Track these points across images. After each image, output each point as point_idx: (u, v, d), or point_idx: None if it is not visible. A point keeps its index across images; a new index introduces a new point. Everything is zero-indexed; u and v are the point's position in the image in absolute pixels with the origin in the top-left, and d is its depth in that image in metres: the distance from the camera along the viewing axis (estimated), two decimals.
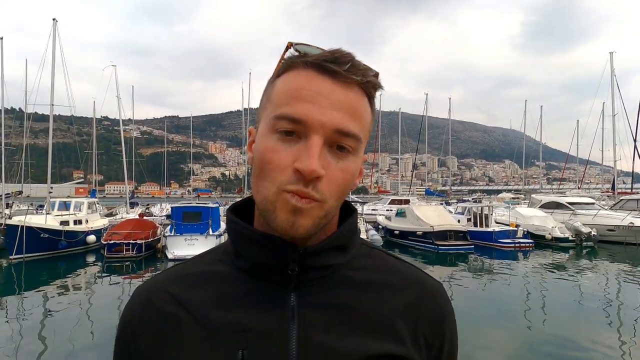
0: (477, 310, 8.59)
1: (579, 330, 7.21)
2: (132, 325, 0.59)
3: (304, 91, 0.51)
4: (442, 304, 0.61)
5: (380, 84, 0.55)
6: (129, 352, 0.59)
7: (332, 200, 0.52)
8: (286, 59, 0.54)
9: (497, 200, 39.06)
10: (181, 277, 0.59)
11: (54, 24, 19.78)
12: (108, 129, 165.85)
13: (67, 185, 32.69)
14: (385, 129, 66.68)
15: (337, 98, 0.51)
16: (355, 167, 0.54)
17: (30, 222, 14.09)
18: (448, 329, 0.61)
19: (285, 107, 0.51)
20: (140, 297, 0.60)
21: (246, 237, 0.56)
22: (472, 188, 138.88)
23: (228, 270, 0.58)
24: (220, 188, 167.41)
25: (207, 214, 15.55)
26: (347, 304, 0.56)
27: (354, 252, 0.60)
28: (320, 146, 0.50)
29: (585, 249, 17.25)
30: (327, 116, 0.50)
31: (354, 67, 0.51)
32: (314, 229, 0.52)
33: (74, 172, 69.74)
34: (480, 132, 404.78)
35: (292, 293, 0.55)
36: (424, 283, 0.61)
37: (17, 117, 41.17)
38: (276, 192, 0.50)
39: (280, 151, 0.50)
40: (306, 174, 0.48)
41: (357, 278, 0.58)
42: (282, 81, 0.53)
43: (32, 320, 7.81)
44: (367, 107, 0.54)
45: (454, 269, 13.21)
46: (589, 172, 76.69)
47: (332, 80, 0.51)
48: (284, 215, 0.50)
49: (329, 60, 0.51)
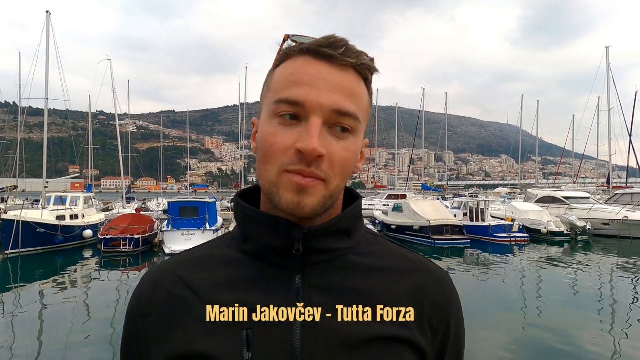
0: (473, 304, 8.66)
1: (573, 323, 7.29)
2: (141, 306, 0.60)
3: (301, 75, 0.52)
4: (446, 290, 0.61)
5: (375, 67, 0.56)
6: (137, 332, 0.60)
7: (336, 180, 0.53)
8: (284, 49, 0.56)
9: (494, 195, 39.26)
10: (190, 260, 0.61)
11: (47, 16, 19.55)
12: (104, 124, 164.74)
13: (62, 180, 32.59)
14: (383, 124, 66.69)
15: (333, 80, 0.52)
16: (355, 147, 0.55)
17: (27, 216, 14.05)
18: (453, 314, 0.61)
19: (285, 91, 0.52)
20: (149, 279, 0.62)
21: (252, 220, 0.57)
22: (469, 183, 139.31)
23: (235, 254, 0.59)
24: (217, 183, 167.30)
25: (204, 208, 15.52)
26: (351, 288, 0.56)
27: (359, 238, 0.60)
28: (320, 126, 0.51)
29: (580, 242, 17.39)
30: (324, 97, 0.51)
31: (349, 51, 0.53)
32: (319, 208, 0.53)
33: (69, 167, 69.29)
34: (477, 127, 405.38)
35: (297, 275, 0.56)
36: (429, 269, 0.62)
37: (11, 111, 40.72)
38: (278, 173, 0.52)
39: (281, 134, 0.52)
40: (307, 153, 0.50)
41: (362, 263, 0.59)
42: (281, 69, 0.55)
43: (29, 315, 7.81)
44: (363, 90, 0.55)
45: (450, 263, 13.29)
46: (584, 167, 77.14)
47: (329, 64, 0.53)
48: (288, 195, 0.52)
49: (324, 45, 0.53)
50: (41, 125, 21.28)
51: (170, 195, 37.85)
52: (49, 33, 19.34)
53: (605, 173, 36.80)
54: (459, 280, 10.96)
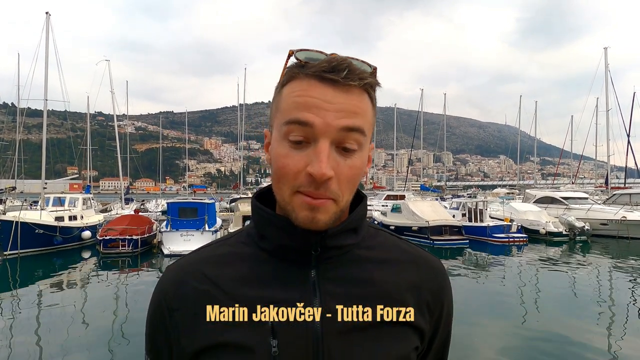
0: (472, 304, 8.68)
1: (571, 323, 7.31)
2: (167, 301, 0.64)
3: (308, 98, 0.56)
4: (441, 278, 0.71)
5: (377, 82, 0.61)
6: (165, 326, 0.64)
7: (345, 196, 0.59)
8: (289, 69, 0.60)
9: (492, 195, 39.35)
10: (210, 257, 0.66)
11: (47, 17, 19.54)
12: (102, 125, 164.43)
13: (61, 181, 32.50)
14: (381, 125, 66.71)
15: (339, 102, 0.56)
16: (362, 161, 0.60)
17: (25, 217, 14.03)
18: (446, 299, 0.71)
19: (294, 113, 0.56)
20: (173, 276, 0.66)
21: (270, 222, 0.63)
22: (467, 183, 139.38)
23: (253, 251, 0.65)
24: (216, 184, 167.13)
25: (202, 209, 15.52)
26: (360, 278, 0.64)
27: (363, 233, 0.68)
28: (327, 150, 0.55)
29: (579, 243, 17.44)
30: (331, 119, 0.55)
31: (351, 73, 0.56)
32: (332, 222, 0.59)
33: (68, 167, 69.12)
34: (476, 128, 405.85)
35: (312, 270, 0.62)
36: (425, 260, 0.71)
37: (9, 112, 40.67)
38: (291, 194, 0.57)
39: (292, 156, 0.57)
40: (317, 178, 0.54)
41: (368, 255, 0.66)
42: (288, 90, 0.59)
43: (27, 316, 7.80)
44: (367, 104, 0.60)
45: (449, 264, 13.31)
46: (583, 167, 77.25)
47: (333, 87, 0.56)
48: (303, 213, 0.57)
49: (327, 70, 0.56)
50: (40, 126, 21.29)
51: (169, 196, 37.87)
52: (49, 34, 19.37)
53: (604, 173, 36.85)
54: (457, 280, 10.98)
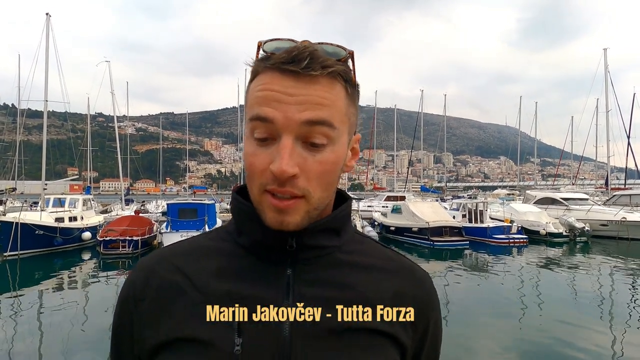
0: (472, 305, 8.67)
1: (572, 324, 7.29)
2: (135, 291, 0.61)
3: (268, 92, 0.53)
4: (427, 292, 0.65)
5: (344, 68, 0.55)
6: (131, 317, 0.61)
7: (317, 193, 0.55)
8: (255, 63, 0.56)
9: (492, 196, 39.30)
10: (185, 250, 0.63)
11: (47, 18, 19.56)
12: (102, 126, 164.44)
13: (61, 182, 32.50)
14: (381, 126, 66.71)
15: (300, 93, 0.52)
16: (334, 156, 0.55)
17: (25, 218, 14.03)
18: (432, 314, 0.66)
19: (256, 108, 0.54)
20: (145, 266, 0.63)
21: (247, 215, 0.59)
22: (468, 184, 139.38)
23: (230, 247, 0.62)
24: (216, 185, 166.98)
25: (203, 210, 15.53)
26: (338, 282, 0.59)
27: (347, 237, 0.64)
28: (289, 146, 0.52)
29: (579, 244, 17.43)
30: (291, 112, 0.52)
31: (313, 62, 0.52)
32: (304, 222, 0.55)
33: (68, 168, 69.10)
34: (476, 129, 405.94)
35: (289, 269, 0.58)
36: (411, 270, 0.66)
37: (9, 113, 40.73)
38: (259, 193, 0.55)
39: (258, 154, 0.54)
40: (277, 175, 0.51)
41: (349, 260, 0.62)
42: (252, 86, 0.56)
43: (27, 317, 7.79)
44: (338, 93, 0.55)
45: (449, 265, 13.30)
46: (583, 168, 77.18)
47: (295, 79, 0.52)
48: (271, 214, 0.54)
49: (287, 61, 0.52)
50: (40, 127, 21.30)
51: (169, 197, 37.83)
52: (49, 35, 19.39)
53: (604, 174, 36.84)
54: (457, 281, 10.97)
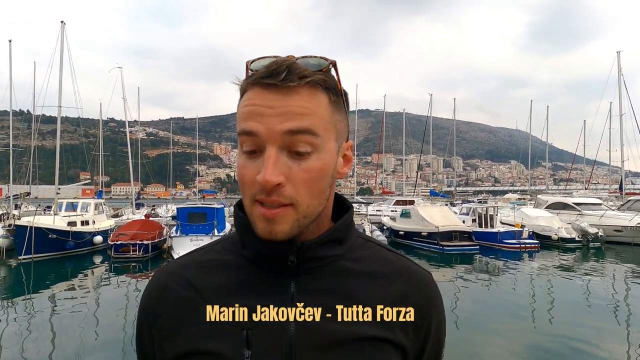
0: (483, 311, 8.57)
1: (586, 331, 7.15)
2: (152, 307, 0.65)
3: (252, 107, 0.56)
4: (428, 292, 0.67)
5: (323, 77, 0.57)
6: (150, 330, 0.65)
7: (305, 200, 0.56)
8: (242, 82, 0.59)
9: (503, 200, 38.82)
10: (195, 264, 0.66)
11: (62, 26, 19.99)
12: (114, 131, 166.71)
13: (74, 187, 33.00)
14: (390, 130, 66.56)
15: (280, 105, 0.55)
16: (320, 163, 0.57)
17: (39, 222, 14.26)
18: (435, 314, 0.67)
19: (242, 124, 0.57)
20: (159, 281, 0.67)
21: (249, 230, 0.60)
22: (478, 189, 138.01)
23: (236, 259, 0.64)
24: (225, 189, 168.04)
25: (212, 214, 15.63)
26: (341, 291, 0.61)
27: (350, 244, 0.65)
28: (273, 156, 0.54)
29: (592, 249, 17.13)
30: (273, 124, 0.54)
31: (291, 74, 0.54)
32: (293, 231, 0.57)
33: (80, 173, 70.21)
34: (486, 133, 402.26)
35: (292, 281, 0.61)
36: (413, 272, 0.67)
37: (25, 119, 41.52)
38: (250, 204, 0.57)
39: (248, 166, 0.57)
40: (262, 185, 0.54)
41: (352, 268, 0.63)
42: (240, 103, 0.59)
43: (40, 319, 7.92)
44: (319, 101, 0.57)
45: (459, 270, 13.17)
46: (596, 173, 75.91)
47: (275, 92, 0.55)
48: (260, 224, 0.57)
49: (265, 76, 0.55)
50: (54, 132, 21.65)
51: (179, 201, 38.14)
52: (63, 42, 19.80)
53: (618, 179, 36.22)
54: (467, 286, 10.86)
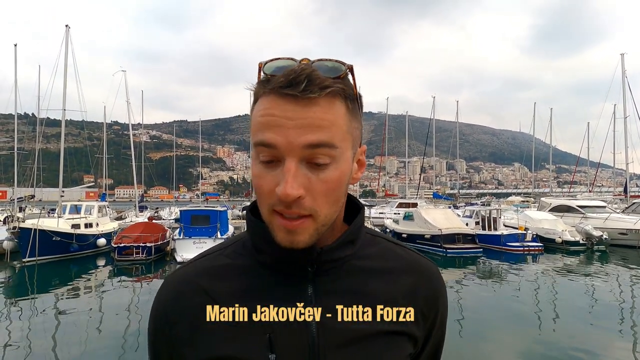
0: (486, 315, 8.52)
1: (590, 336, 7.11)
2: (167, 314, 0.64)
3: (270, 118, 0.54)
4: (436, 284, 0.71)
5: (343, 87, 0.56)
6: (167, 337, 0.64)
7: (323, 210, 0.56)
8: (257, 85, 0.57)
9: (507, 203, 38.75)
10: (208, 269, 0.65)
11: (66, 30, 20.13)
12: (118, 134, 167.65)
13: (77, 189, 33.18)
14: (393, 132, 66.49)
15: (299, 117, 0.53)
16: (339, 173, 0.56)
17: (43, 225, 14.34)
18: (441, 305, 0.72)
19: (259, 135, 0.55)
20: (172, 288, 0.66)
21: (263, 235, 0.61)
22: (481, 191, 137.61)
23: (250, 264, 0.64)
24: (229, 192, 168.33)
25: (215, 217, 15.66)
26: (356, 290, 0.63)
27: (361, 242, 0.67)
28: (293, 169, 0.53)
29: (597, 252, 17.01)
30: (292, 136, 0.53)
31: (311, 84, 0.53)
32: (313, 239, 0.57)
33: (84, 176, 70.48)
34: (489, 135, 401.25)
35: (309, 283, 0.62)
36: (420, 267, 0.70)
37: (29, 122, 41.84)
38: (268, 213, 0.57)
39: (265, 177, 0.56)
40: (282, 199, 0.53)
41: (364, 266, 0.65)
42: (255, 110, 0.57)
43: (44, 322, 7.94)
44: (337, 111, 0.55)
45: (462, 273, 13.11)
46: (600, 175, 75.49)
47: (294, 102, 0.53)
48: (281, 234, 0.56)
49: (285, 85, 0.53)
50: (58, 135, 21.78)
51: (182, 204, 38.23)
52: (68, 46, 19.94)
53: (623, 181, 35.99)
54: (471, 289, 10.81)
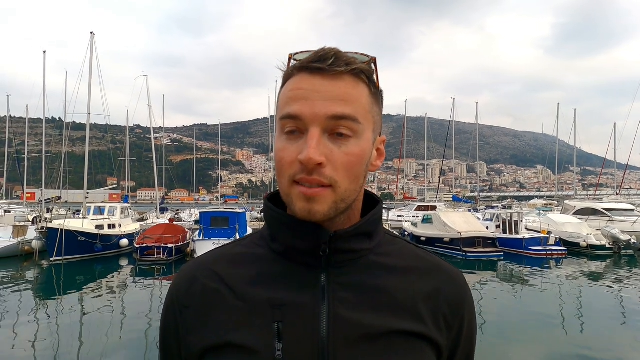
0: (508, 320, 8.34)
1: (619, 343, 6.88)
2: (180, 298, 0.65)
3: (298, 91, 0.57)
4: (460, 289, 0.66)
5: (367, 68, 0.59)
6: (177, 322, 0.65)
7: (344, 183, 0.56)
8: (285, 71, 0.61)
9: (529, 206, 37.73)
10: (223, 256, 0.66)
11: (91, 37, 20.80)
12: (140, 137, 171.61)
13: (101, 191, 34.04)
14: (412, 135, 65.87)
15: (326, 90, 0.56)
16: (360, 149, 0.57)
17: (69, 225, 14.83)
18: (467, 312, 0.66)
19: (286, 108, 0.57)
20: (186, 274, 0.66)
21: (280, 222, 0.61)
22: (502, 194, 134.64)
23: (264, 253, 0.64)
24: (247, 194, 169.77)
25: (234, 219, 15.86)
26: (373, 285, 0.61)
27: (379, 239, 0.65)
28: (317, 137, 0.54)
29: (625, 257, 16.45)
30: (318, 107, 0.55)
31: (338, 60, 0.56)
32: (331, 212, 0.57)
33: (108, 178, 72.23)
34: (510, 137, 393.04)
35: (323, 274, 0.60)
36: (444, 270, 0.67)
37: (57, 126, 43.34)
38: (289, 185, 0.57)
39: (288, 148, 0.57)
40: (304, 163, 0.54)
41: (383, 262, 0.63)
42: (284, 89, 0.60)
43: (70, 320, 8.21)
44: (361, 91, 0.58)
45: (482, 277, 12.88)
46: (628, 178, 72.89)
47: (321, 77, 0.56)
48: (300, 204, 0.56)
49: (314, 60, 0.57)
50: (83, 139, 22.47)
51: (202, 206, 38.82)
52: (93, 53, 20.60)
53: None
54: (491, 294, 10.60)
